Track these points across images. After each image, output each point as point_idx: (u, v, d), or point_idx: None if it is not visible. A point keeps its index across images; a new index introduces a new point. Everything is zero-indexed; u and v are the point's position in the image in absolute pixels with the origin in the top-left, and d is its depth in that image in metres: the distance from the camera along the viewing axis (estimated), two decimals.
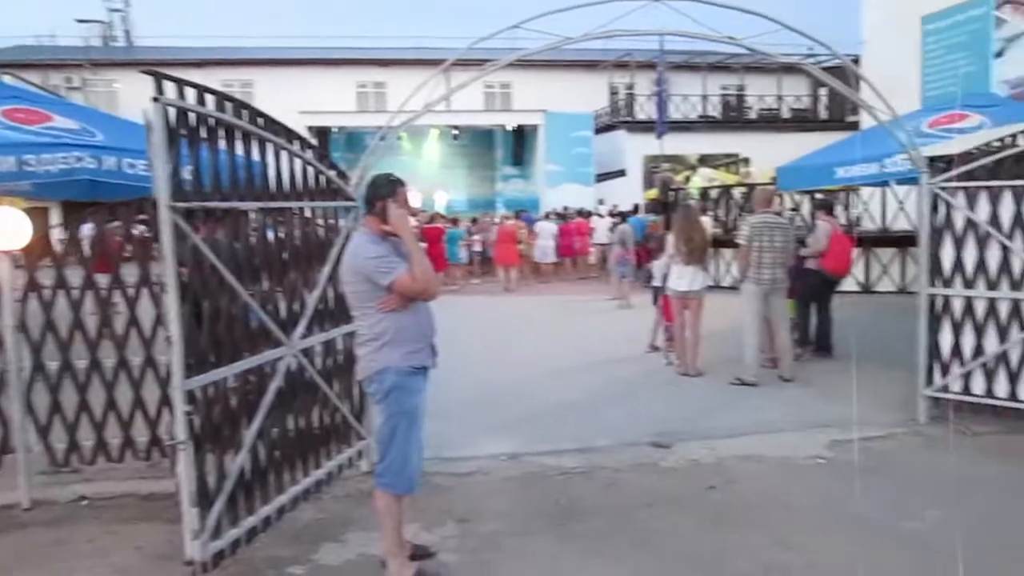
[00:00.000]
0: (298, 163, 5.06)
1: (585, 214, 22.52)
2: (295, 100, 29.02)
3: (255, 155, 4.60)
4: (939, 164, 6.59)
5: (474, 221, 22.49)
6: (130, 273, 5.57)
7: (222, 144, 4.27)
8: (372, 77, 35.01)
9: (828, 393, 7.79)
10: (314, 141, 22.75)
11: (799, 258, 9.08)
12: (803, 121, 33.21)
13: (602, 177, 30.00)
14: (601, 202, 24.04)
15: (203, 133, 4.12)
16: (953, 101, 11.87)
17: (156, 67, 3.88)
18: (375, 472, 4.14)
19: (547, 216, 21.34)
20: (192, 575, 3.98)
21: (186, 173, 3.95)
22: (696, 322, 8.80)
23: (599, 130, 31.25)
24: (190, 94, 4.00)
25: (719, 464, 5.87)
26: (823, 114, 34.76)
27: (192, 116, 3.99)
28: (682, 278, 8.73)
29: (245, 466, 4.37)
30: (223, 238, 4.26)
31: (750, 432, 6.58)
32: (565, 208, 23.41)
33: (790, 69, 35.41)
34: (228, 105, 4.28)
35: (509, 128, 30.80)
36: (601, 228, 20.35)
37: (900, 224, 16.07)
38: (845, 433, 6.45)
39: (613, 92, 33.89)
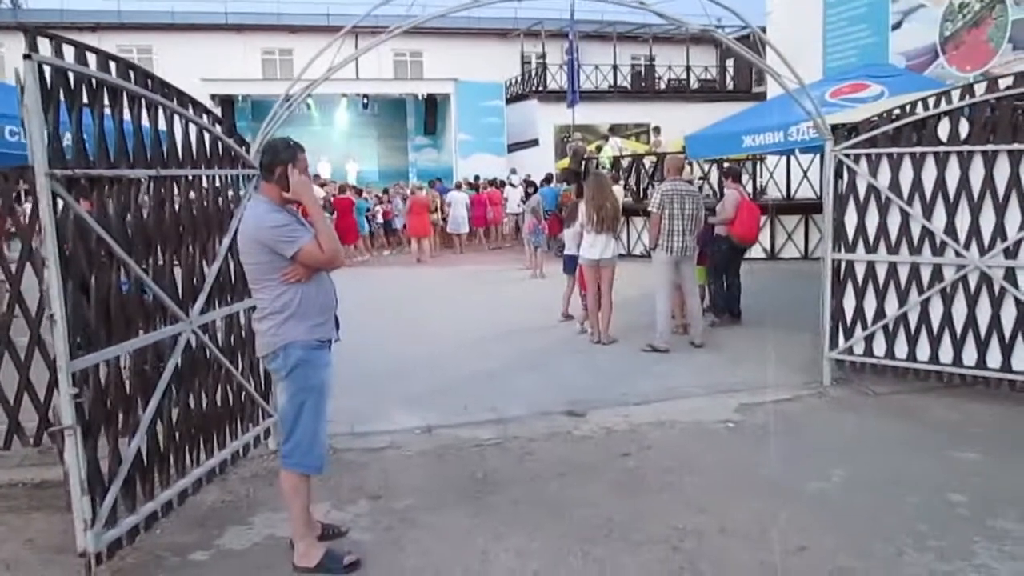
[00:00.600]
0: (193, 129, 4.79)
1: (498, 184, 22.43)
2: (197, 67, 27.97)
3: (147, 121, 4.32)
4: (843, 132, 6.71)
5: (385, 192, 22.16)
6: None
7: (108, 108, 3.99)
8: (279, 44, 33.92)
9: (737, 358, 7.92)
10: (216, 109, 22.09)
11: (708, 226, 9.18)
12: (711, 92, 33.81)
13: (514, 147, 29.91)
14: (514, 171, 23.96)
15: (85, 96, 3.83)
16: (853, 72, 12.20)
17: (45, 30, 3.57)
18: (281, 453, 3.97)
19: (458, 186, 21.14)
20: (86, 567, 3.75)
21: (67, 139, 3.67)
22: (608, 290, 8.82)
23: (511, 99, 31.14)
24: (69, 52, 3.70)
25: (633, 431, 5.89)
26: (730, 85, 35.36)
27: (72, 76, 3.70)
28: (594, 247, 8.73)
29: (142, 449, 4.14)
30: (113, 209, 3.98)
31: (663, 398, 6.63)
32: (476, 178, 23.26)
33: (699, 40, 36.09)
34: (113, 65, 3.98)
35: (420, 97, 30.33)
36: (514, 198, 20.30)
37: (804, 192, 16.47)
38: (754, 397, 6.58)
39: (525, 61, 33.69)
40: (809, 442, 5.62)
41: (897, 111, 6.42)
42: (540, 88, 31.72)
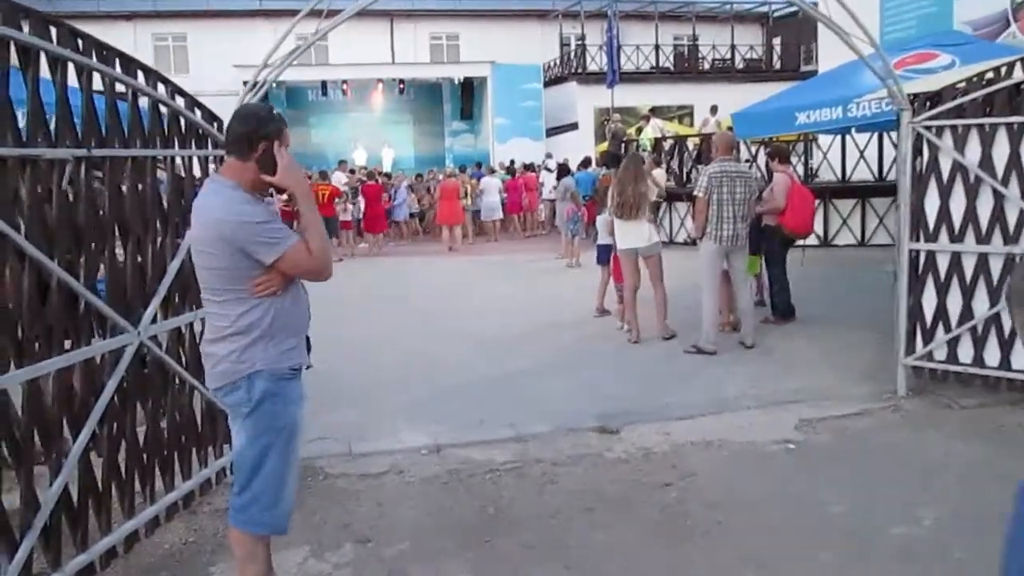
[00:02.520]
0: (146, 102, 4.01)
1: (534, 168, 21.56)
2: (231, 54, 27.47)
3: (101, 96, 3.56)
4: (922, 101, 5.73)
5: (419, 177, 21.42)
6: None
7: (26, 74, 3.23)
8: (311, 30, 33.08)
9: (793, 362, 6.99)
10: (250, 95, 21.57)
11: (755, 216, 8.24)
12: (757, 71, 32.55)
13: (553, 131, 29.07)
14: (549, 155, 23.05)
15: None
16: (916, 42, 11.13)
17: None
18: (231, 505, 3.11)
19: (491, 171, 20.28)
20: None
21: None
22: (658, 281, 7.97)
23: (549, 82, 30.29)
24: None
25: (674, 453, 5.02)
26: (777, 64, 34.00)
27: None
28: (627, 234, 7.87)
29: (70, 489, 3.39)
30: (26, 196, 3.22)
31: (709, 411, 5.74)
32: (511, 162, 22.42)
33: (743, 18, 34.86)
34: (25, 21, 3.21)
35: (457, 81, 29.53)
36: (550, 183, 19.36)
37: (860, 174, 15.36)
38: (815, 410, 5.66)
39: (564, 43, 32.68)
40: (886, 470, 4.70)
41: (991, 74, 5.42)
42: (579, 70, 30.78)
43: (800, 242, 9.10)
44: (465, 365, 7.32)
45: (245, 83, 19.89)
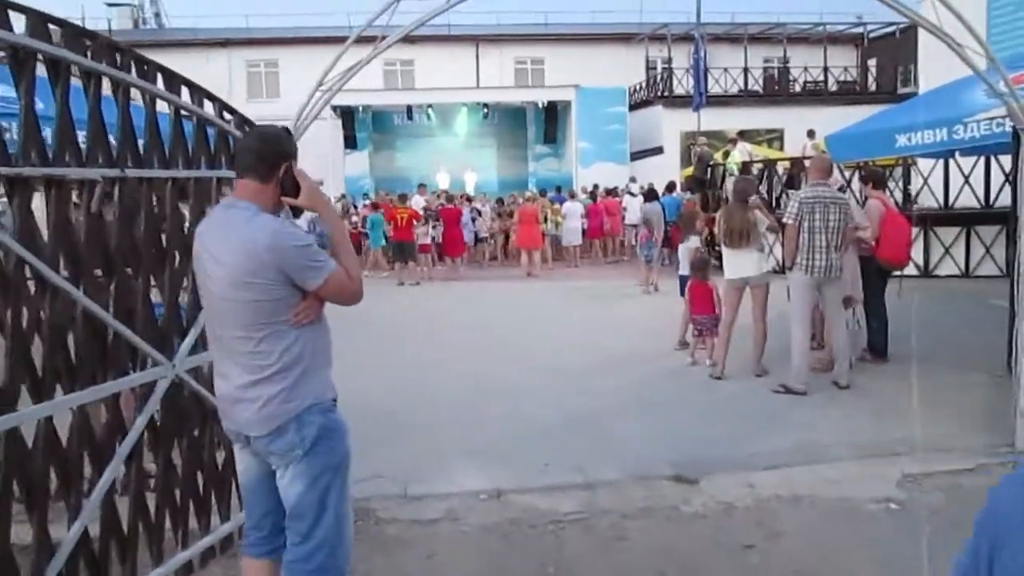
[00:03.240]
0: (191, 120, 3.79)
1: (617, 193, 21.12)
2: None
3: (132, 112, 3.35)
4: None
5: (499, 201, 21.19)
6: None
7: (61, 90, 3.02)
8: (400, 55, 33.65)
9: (893, 407, 6.35)
10: (337, 121, 21.58)
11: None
12: (849, 93, 31.44)
13: (637, 155, 28.59)
14: (633, 179, 22.57)
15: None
16: None
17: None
18: (290, 558, 2.79)
19: (571, 195, 19.90)
20: None
21: None
22: (762, 316, 7.47)
23: (635, 106, 29.85)
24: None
25: (759, 509, 4.52)
26: (872, 86, 32.80)
27: None
28: (734, 263, 7.43)
29: (89, 532, 3.13)
30: (53, 217, 3.00)
31: (798, 461, 5.20)
32: (595, 187, 22.02)
33: (837, 40, 33.76)
34: (48, 28, 2.99)
35: (541, 105, 29.34)
36: (634, 207, 18.87)
37: (964, 200, 14.41)
38: (921, 464, 5.04)
39: (650, 67, 32.22)
40: None
41: None
42: (665, 93, 30.27)
43: (897, 273, 8.44)
44: (534, 399, 6.92)
45: (334, 108, 20.05)
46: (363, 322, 11.90)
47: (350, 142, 28.86)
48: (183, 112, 3.70)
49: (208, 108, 3.87)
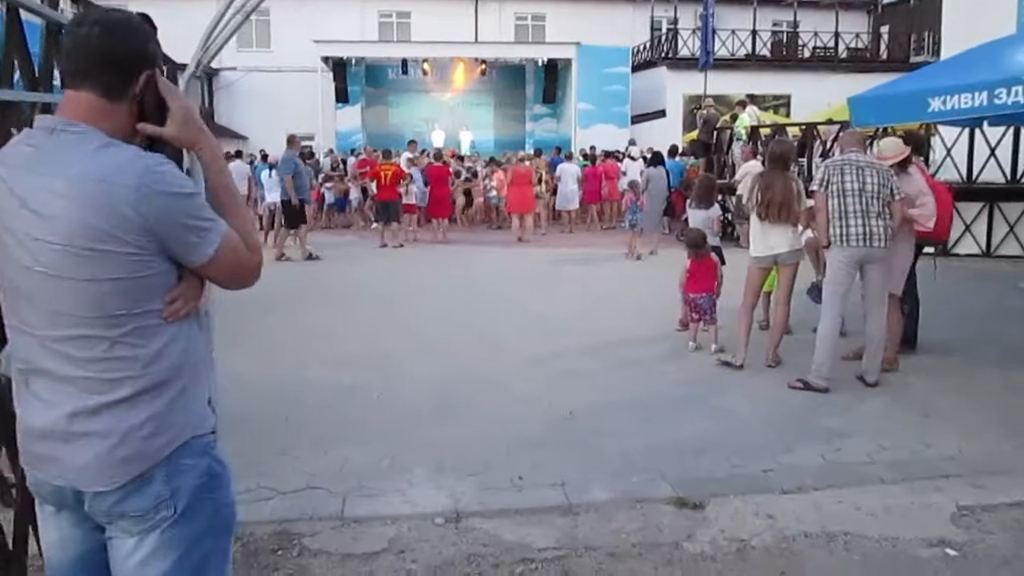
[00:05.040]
0: None
1: (616, 156, 20.07)
2: (312, 29, 26.79)
3: None
4: None
5: (492, 161, 20.12)
6: None
7: None
8: (396, 6, 32.32)
9: (933, 412, 5.42)
10: (328, 72, 20.46)
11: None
12: (860, 60, 30.36)
13: (638, 118, 27.56)
14: (632, 142, 21.50)
15: None
16: None
17: None
18: None
19: (568, 157, 18.78)
20: None
21: None
22: (786, 297, 6.50)
23: (637, 67, 28.83)
24: None
25: (780, 550, 3.59)
26: (884, 54, 31.64)
27: None
28: (765, 238, 6.40)
29: None
30: None
31: (827, 482, 4.24)
32: (592, 149, 20.96)
33: (849, 5, 32.48)
34: None
35: (541, 63, 28.19)
36: (633, 172, 17.81)
37: (989, 175, 13.39)
38: (978, 493, 4.12)
39: (655, 27, 30.96)
40: None
41: None
42: (670, 55, 29.26)
43: (928, 249, 7.48)
44: (512, 391, 5.96)
45: (326, 59, 19.12)
46: (331, 287, 11.06)
47: (342, 95, 27.76)
48: None
49: None
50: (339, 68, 27.31)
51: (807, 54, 31.35)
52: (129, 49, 1.74)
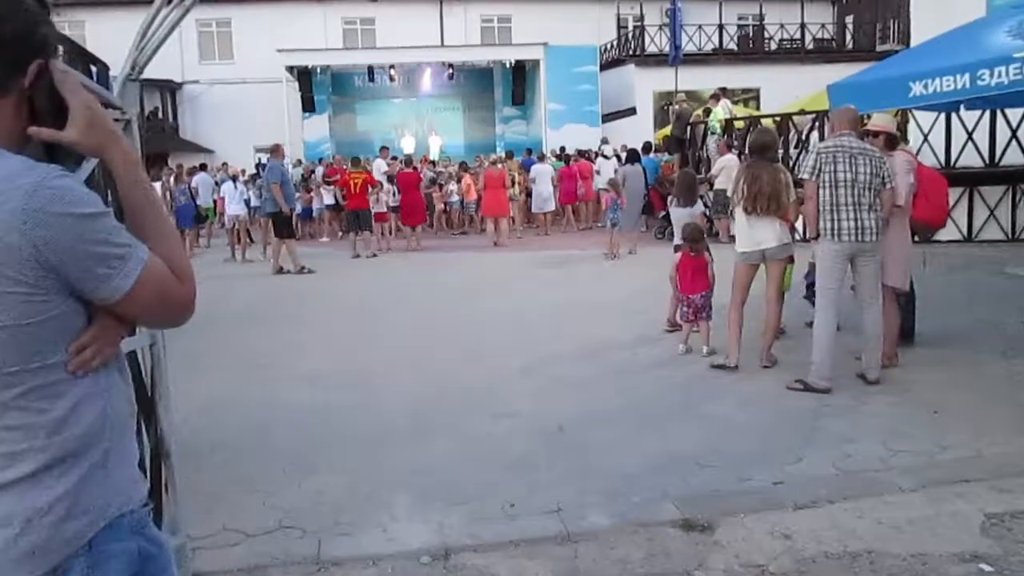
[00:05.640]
0: None
1: (589, 156, 19.79)
2: (275, 39, 26.34)
3: None
4: None
5: (463, 166, 19.79)
6: None
7: None
8: (360, 13, 31.91)
9: (942, 408, 5.13)
10: (293, 82, 20.21)
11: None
12: (827, 51, 30.40)
13: (609, 116, 27.34)
14: (605, 140, 21.25)
15: None
16: None
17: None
18: None
19: (541, 157, 18.45)
20: None
21: None
22: (777, 295, 6.23)
23: (606, 65, 28.65)
24: None
25: (801, 573, 3.26)
26: (850, 44, 31.74)
27: None
28: (752, 233, 6.10)
29: None
30: None
31: (842, 494, 3.92)
32: (562, 149, 20.66)
33: None
34: None
35: (508, 65, 27.87)
36: (607, 171, 17.52)
37: (967, 159, 13.24)
38: (1005, 498, 3.83)
39: (621, 25, 30.75)
40: None
41: None
42: (638, 52, 29.08)
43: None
44: (497, 405, 5.60)
45: (290, 69, 18.74)
46: (304, 300, 10.65)
47: (308, 104, 27.32)
48: None
49: None
50: (304, 77, 26.89)
51: (774, 47, 31.32)
52: (10, 31, 1.38)
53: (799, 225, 6.39)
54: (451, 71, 27.84)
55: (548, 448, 4.74)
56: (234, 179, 16.95)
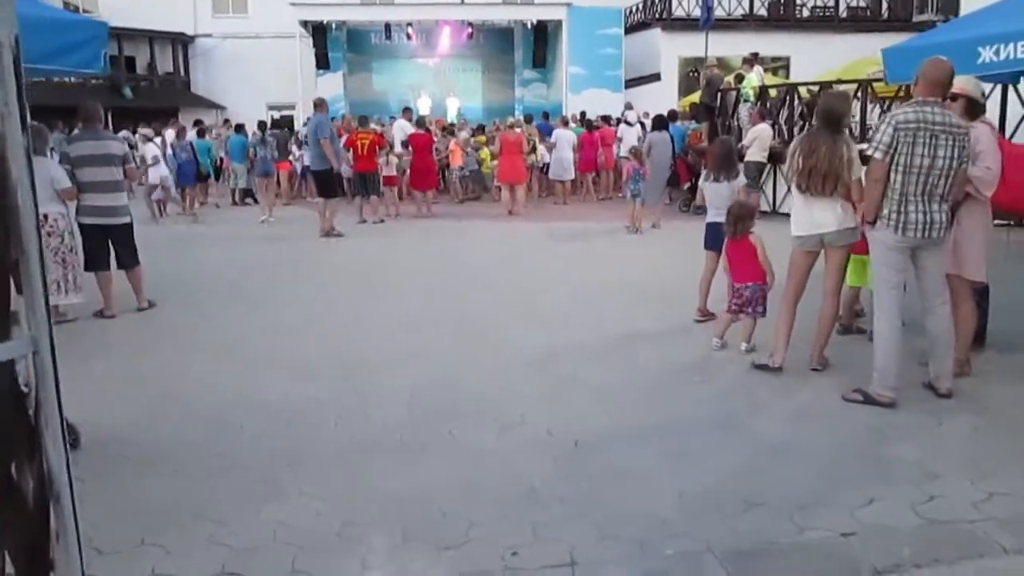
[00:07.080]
0: None
1: (612, 121, 18.83)
2: None
3: None
4: None
5: (480, 129, 18.88)
6: None
7: None
8: None
9: None
10: (307, 38, 19.45)
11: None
12: (861, 20, 29.10)
13: (632, 82, 26.32)
14: (629, 106, 20.24)
15: None
16: None
17: None
18: None
19: (564, 122, 17.46)
20: None
21: None
22: (835, 288, 5.33)
23: (630, 29, 27.51)
24: None
25: None
26: (885, 13, 30.34)
27: None
28: (808, 214, 5.21)
29: None
30: None
31: (931, 552, 3.10)
32: (582, 114, 19.69)
33: None
34: None
35: (529, 25, 26.86)
36: (629, 138, 16.56)
37: (1022, 136, 12.21)
38: None
39: None
40: None
41: None
42: (664, 15, 27.78)
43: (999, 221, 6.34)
44: (502, 412, 4.75)
45: (304, 23, 17.77)
46: (302, 271, 9.76)
47: (323, 62, 26.44)
48: None
49: None
50: (319, 33, 26.01)
51: (806, 14, 30.01)
52: None
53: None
54: (471, 30, 26.83)
55: (560, 472, 3.93)
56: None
